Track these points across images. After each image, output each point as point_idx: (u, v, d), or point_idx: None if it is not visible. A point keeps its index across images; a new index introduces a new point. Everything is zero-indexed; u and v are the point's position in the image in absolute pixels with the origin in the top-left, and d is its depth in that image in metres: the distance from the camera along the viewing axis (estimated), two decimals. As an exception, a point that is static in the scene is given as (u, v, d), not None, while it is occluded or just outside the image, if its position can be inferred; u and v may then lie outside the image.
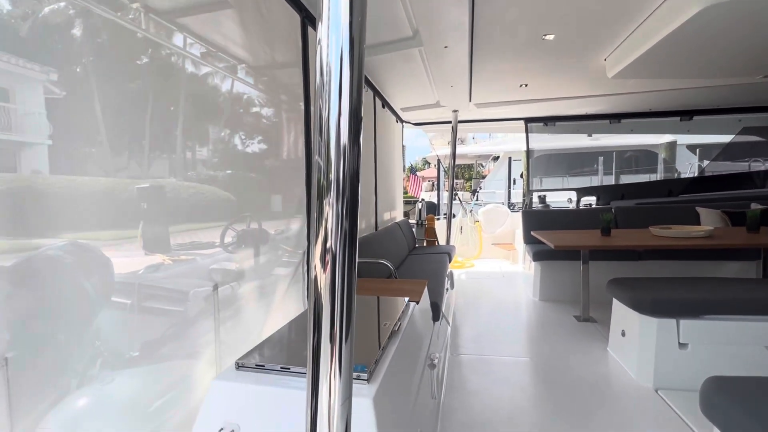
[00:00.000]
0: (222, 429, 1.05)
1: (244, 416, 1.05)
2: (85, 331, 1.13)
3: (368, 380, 1.03)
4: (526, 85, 4.15)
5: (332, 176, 0.54)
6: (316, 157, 0.56)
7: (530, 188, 6.09)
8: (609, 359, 2.63)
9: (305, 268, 2.21)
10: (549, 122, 5.56)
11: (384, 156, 4.46)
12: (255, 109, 2.08)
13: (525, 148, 5.89)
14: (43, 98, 1.14)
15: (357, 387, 1.01)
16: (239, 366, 1.14)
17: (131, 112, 1.35)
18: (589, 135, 10.82)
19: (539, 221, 4.50)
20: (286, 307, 2.08)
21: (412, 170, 11.73)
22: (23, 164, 1.11)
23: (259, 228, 1.92)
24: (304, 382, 0.98)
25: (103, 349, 1.17)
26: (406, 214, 5.73)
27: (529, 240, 4.41)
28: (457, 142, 5.39)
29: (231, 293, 1.69)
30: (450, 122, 5.33)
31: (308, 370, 0.61)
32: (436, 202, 11.73)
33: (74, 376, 1.09)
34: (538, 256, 4.03)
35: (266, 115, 2.15)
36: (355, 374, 1.04)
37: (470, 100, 4.65)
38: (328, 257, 0.54)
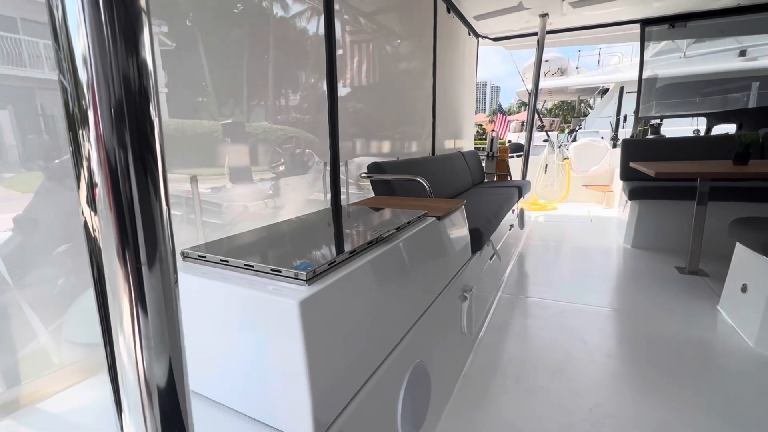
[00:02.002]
0: None
1: (184, 308, 0.90)
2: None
3: (307, 280, 0.78)
4: None
5: (87, 102, 0.38)
6: (57, 74, 0.39)
7: (640, 115, 4.83)
8: (718, 320, 2.00)
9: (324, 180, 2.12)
10: (677, 23, 4.12)
11: (447, 73, 3.84)
12: (339, 52, 2.16)
13: (639, 71, 4.60)
14: (159, 50, 1.23)
15: (292, 287, 0.78)
16: (185, 256, 0.98)
17: (231, 61, 1.53)
18: (742, 53, 8.21)
19: (643, 152, 3.58)
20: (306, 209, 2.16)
21: (501, 110, 10.56)
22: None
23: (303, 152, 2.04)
24: (243, 278, 0.84)
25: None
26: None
27: (626, 175, 3.57)
28: (555, 72, 4.47)
29: (265, 208, 1.85)
30: (536, 34, 4.39)
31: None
32: (524, 144, 10.45)
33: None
34: (635, 194, 3.23)
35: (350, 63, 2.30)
36: (292, 272, 0.80)
37: None
38: (100, 202, 0.40)
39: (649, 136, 5.18)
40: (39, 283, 1.06)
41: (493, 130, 5.37)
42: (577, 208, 5.14)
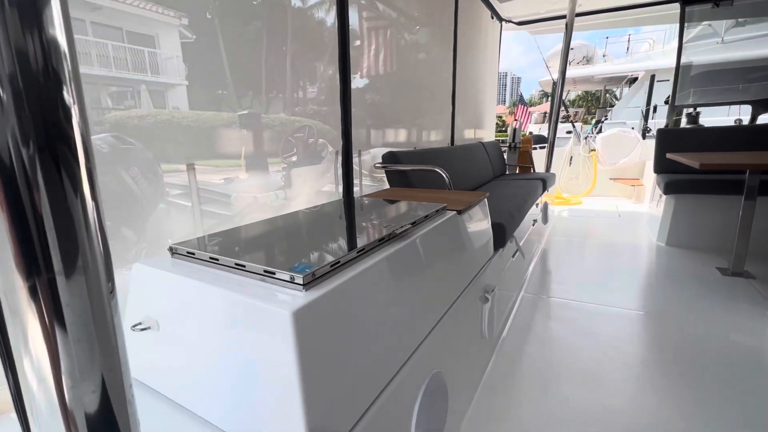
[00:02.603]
0: (139, 324, 0.82)
1: (168, 310, 0.80)
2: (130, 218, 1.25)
3: (304, 285, 0.67)
4: None
5: None
6: None
7: (676, 104, 4.50)
8: (768, 328, 1.80)
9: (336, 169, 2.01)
10: (722, 1, 3.80)
11: (468, 59, 3.65)
12: (356, 43, 2.12)
13: (676, 56, 4.25)
14: (179, 42, 1.27)
15: (287, 293, 0.67)
16: (173, 252, 0.88)
17: (250, 53, 1.54)
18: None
19: (681, 142, 3.32)
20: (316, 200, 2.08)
21: (522, 101, 10.20)
22: (169, 102, 1.30)
23: (315, 142, 2.00)
24: (233, 280, 0.73)
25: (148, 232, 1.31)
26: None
27: (661, 168, 3.32)
28: (581, 61, 4.21)
29: (276, 199, 1.81)
30: (565, 17, 4.12)
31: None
32: (546, 135, 10.05)
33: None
34: (671, 188, 3.00)
35: (366, 54, 2.24)
36: (288, 275, 0.68)
37: None
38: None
39: (686, 126, 4.84)
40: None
41: (515, 120, 5.13)
42: (603, 203, 4.88)
